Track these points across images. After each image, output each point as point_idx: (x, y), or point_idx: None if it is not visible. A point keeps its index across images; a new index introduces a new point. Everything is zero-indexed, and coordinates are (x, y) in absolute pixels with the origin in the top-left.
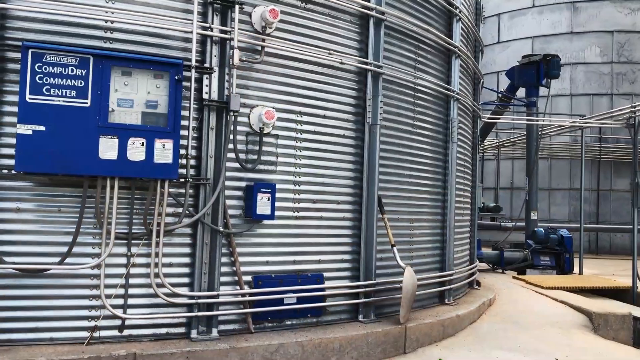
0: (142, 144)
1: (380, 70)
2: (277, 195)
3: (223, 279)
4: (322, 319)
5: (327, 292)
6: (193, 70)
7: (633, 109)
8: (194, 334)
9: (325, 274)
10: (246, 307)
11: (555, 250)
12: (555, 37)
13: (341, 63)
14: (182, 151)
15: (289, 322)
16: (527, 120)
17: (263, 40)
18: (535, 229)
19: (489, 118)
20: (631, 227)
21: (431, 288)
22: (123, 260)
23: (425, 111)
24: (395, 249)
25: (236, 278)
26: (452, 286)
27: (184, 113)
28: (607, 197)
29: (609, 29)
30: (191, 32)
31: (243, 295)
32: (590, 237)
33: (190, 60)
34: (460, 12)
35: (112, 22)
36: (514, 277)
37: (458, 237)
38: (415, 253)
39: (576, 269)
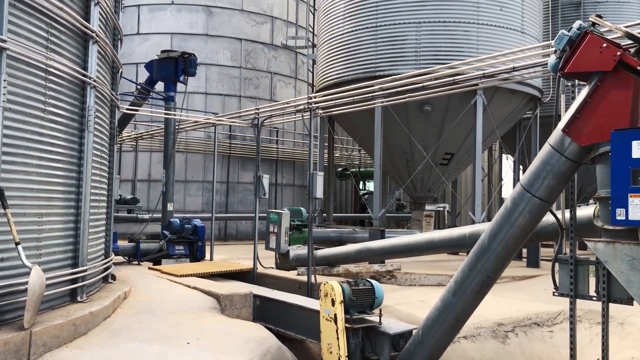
0: None
1: (5, 45)
2: None
3: None
4: None
5: None
6: None
7: (257, 111)
8: None
9: None
10: None
11: (190, 239)
12: (193, 36)
13: None
14: None
15: None
16: (165, 114)
17: None
18: (171, 219)
19: (127, 109)
20: (254, 215)
21: (63, 286)
22: None
23: (59, 96)
24: (20, 247)
25: None
26: (85, 282)
27: None
28: (235, 189)
29: (238, 37)
30: None
31: None
32: (220, 225)
33: None
34: None
35: None
36: (150, 268)
37: (93, 231)
38: (44, 250)
39: (208, 256)
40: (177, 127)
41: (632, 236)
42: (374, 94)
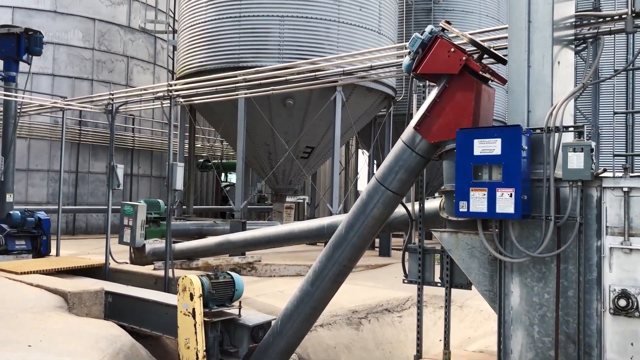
0: None
1: None
2: None
3: None
4: None
5: None
6: None
7: (111, 97)
8: None
9: None
10: None
11: (33, 233)
12: (39, 12)
13: None
14: None
15: None
16: (5, 95)
17: None
18: (11, 212)
19: None
20: (106, 207)
21: None
22: None
23: None
24: None
25: None
26: None
27: None
28: (85, 179)
29: (91, 16)
30: None
31: None
32: (68, 218)
33: None
34: None
35: None
36: None
37: None
38: None
39: (54, 251)
40: (18, 110)
41: (472, 227)
42: (237, 84)
